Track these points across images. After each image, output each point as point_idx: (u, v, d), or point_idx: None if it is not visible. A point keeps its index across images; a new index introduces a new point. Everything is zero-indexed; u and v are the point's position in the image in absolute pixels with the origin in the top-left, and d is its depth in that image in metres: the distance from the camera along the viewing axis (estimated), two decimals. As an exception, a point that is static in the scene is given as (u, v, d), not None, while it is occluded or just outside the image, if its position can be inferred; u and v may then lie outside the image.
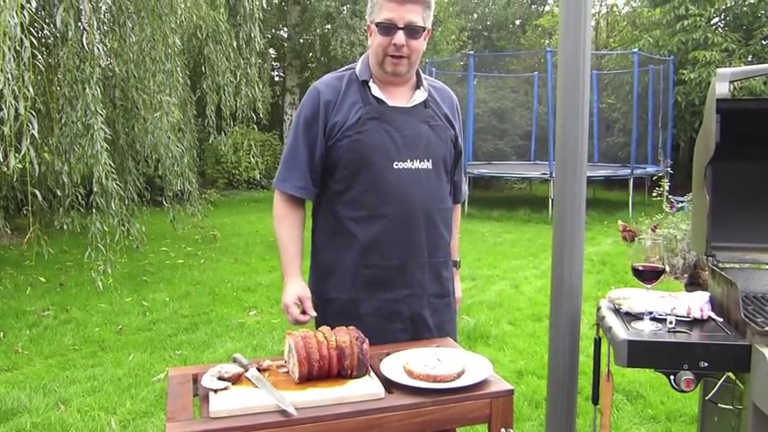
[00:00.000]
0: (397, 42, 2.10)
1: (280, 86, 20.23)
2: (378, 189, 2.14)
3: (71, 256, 8.12)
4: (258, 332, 5.49)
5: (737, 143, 2.20)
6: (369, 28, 2.19)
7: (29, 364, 4.73)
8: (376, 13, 2.13)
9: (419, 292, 2.23)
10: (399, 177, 2.15)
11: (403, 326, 2.21)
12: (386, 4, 2.09)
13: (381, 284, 2.18)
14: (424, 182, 2.20)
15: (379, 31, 2.12)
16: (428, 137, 2.22)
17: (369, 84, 2.20)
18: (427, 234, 2.21)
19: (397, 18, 2.08)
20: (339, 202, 2.20)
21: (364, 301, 2.17)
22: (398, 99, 2.22)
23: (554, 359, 2.18)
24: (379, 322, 2.17)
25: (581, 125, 2.12)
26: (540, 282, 7.18)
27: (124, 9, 7.67)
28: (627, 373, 4.27)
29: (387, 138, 2.15)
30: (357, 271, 2.18)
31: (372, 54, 2.19)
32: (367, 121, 2.14)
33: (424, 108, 2.25)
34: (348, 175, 2.16)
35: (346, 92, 2.19)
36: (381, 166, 2.14)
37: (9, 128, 5.21)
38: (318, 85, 2.24)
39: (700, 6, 14.97)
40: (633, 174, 13.19)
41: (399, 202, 2.15)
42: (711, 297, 2.13)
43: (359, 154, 2.14)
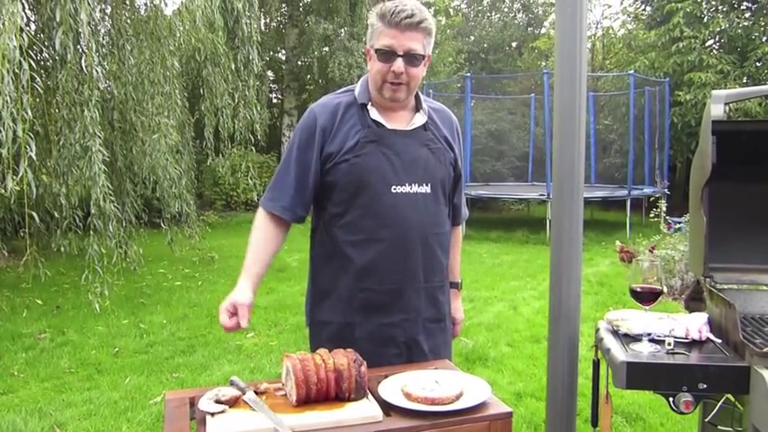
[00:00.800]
0: (396, 70, 2.09)
1: (278, 108, 20.32)
2: (375, 213, 2.13)
3: (68, 279, 8.10)
4: (256, 355, 5.47)
5: (734, 164, 2.21)
6: (368, 52, 2.17)
7: (25, 388, 4.70)
8: (376, 38, 2.11)
9: (414, 316, 2.21)
10: (397, 201, 2.13)
11: (398, 350, 2.18)
12: (386, 30, 2.07)
13: (377, 309, 2.16)
14: (422, 206, 2.18)
15: (378, 58, 2.10)
16: (427, 160, 2.20)
17: (367, 107, 2.18)
18: (424, 259, 2.19)
19: (397, 45, 2.07)
20: (336, 226, 2.18)
21: (359, 324, 2.15)
22: (397, 122, 2.21)
23: (553, 381, 2.18)
24: (374, 347, 2.13)
25: (578, 146, 2.13)
26: (539, 303, 7.16)
27: (123, 32, 7.74)
28: (626, 395, 4.25)
29: (385, 161, 2.13)
30: (353, 294, 2.15)
31: (371, 79, 2.18)
32: (365, 145, 2.13)
33: (424, 131, 2.23)
34: (346, 199, 2.15)
35: (344, 117, 2.18)
36: (379, 189, 2.12)
37: (7, 150, 5.22)
38: (316, 109, 2.22)
39: (694, 29, 15.10)
40: (630, 195, 13.22)
41: (396, 227, 2.13)
42: (710, 318, 2.13)
43: (357, 177, 2.12)
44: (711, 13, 15.90)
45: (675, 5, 15.32)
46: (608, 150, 17.69)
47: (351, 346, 1.89)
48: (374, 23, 2.12)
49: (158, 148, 7.85)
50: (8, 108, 5.21)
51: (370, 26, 2.14)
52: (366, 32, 2.20)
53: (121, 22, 7.92)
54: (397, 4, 2.07)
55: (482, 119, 18.67)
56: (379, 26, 2.10)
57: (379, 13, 2.09)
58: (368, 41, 2.17)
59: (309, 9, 18.04)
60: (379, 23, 2.09)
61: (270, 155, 17.71)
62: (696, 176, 2.30)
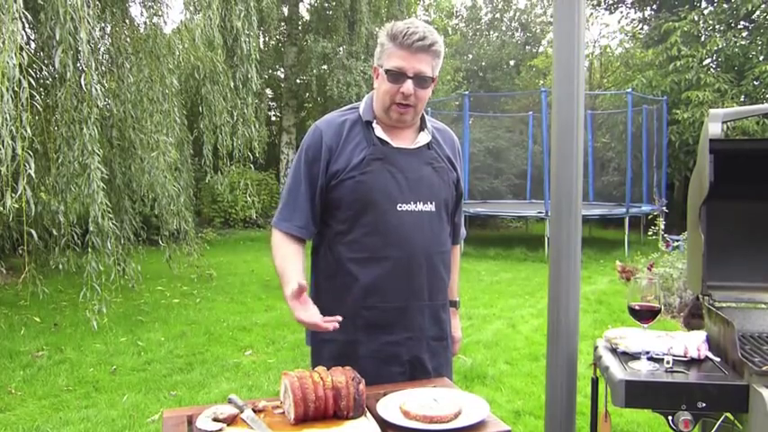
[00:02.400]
0: (405, 91, 2.09)
1: (276, 126, 20.37)
2: (380, 231, 2.12)
3: (66, 296, 8.08)
4: (254, 372, 5.44)
5: (731, 183, 2.22)
6: (376, 71, 2.17)
7: (22, 406, 4.68)
8: (385, 58, 2.11)
9: (419, 335, 2.20)
10: (402, 220, 2.13)
11: (401, 369, 2.17)
12: (396, 51, 2.07)
13: (381, 327, 2.15)
14: (427, 225, 2.18)
15: (388, 78, 2.10)
16: (431, 179, 2.20)
17: (372, 125, 2.18)
18: (428, 277, 2.19)
19: (407, 67, 2.07)
20: (341, 243, 2.18)
21: (363, 343, 2.14)
22: (402, 140, 2.21)
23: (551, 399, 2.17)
24: (378, 365, 2.13)
25: (576, 164, 2.14)
26: (537, 321, 7.15)
27: (122, 50, 7.78)
28: (625, 414, 4.24)
29: (390, 179, 2.13)
30: (357, 313, 2.14)
31: (378, 99, 2.17)
32: (371, 162, 2.12)
33: (428, 150, 2.23)
34: (351, 216, 2.14)
35: (348, 135, 2.17)
36: (385, 208, 2.12)
37: (6, 168, 5.23)
38: (321, 126, 2.22)
39: (692, 48, 15.19)
40: (628, 213, 13.24)
41: (402, 245, 2.12)
42: (708, 336, 2.13)
43: (362, 195, 2.11)
44: (709, 33, 16.00)
45: (673, 24, 15.43)
46: (606, 168, 17.74)
47: (354, 364, 1.90)
48: (384, 43, 2.11)
49: (157, 166, 7.86)
50: (7, 126, 5.22)
51: (380, 45, 2.14)
52: (374, 51, 2.20)
53: (121, 41, 7.96)
54: (408, 25, 2.07)
55: (480, 137, 18.73)
56: (389, 47, 2.09)
57: (391, 33, 2.09)
58: (376, 60, 2.17)
59: (308, 28, 18.14)
60: (389, 44, 2.09)
61: (268, 172, 17.74)
62: (694, 195, 2.31)
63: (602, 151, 17.80)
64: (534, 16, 28.12)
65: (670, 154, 15.11)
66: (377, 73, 2.17)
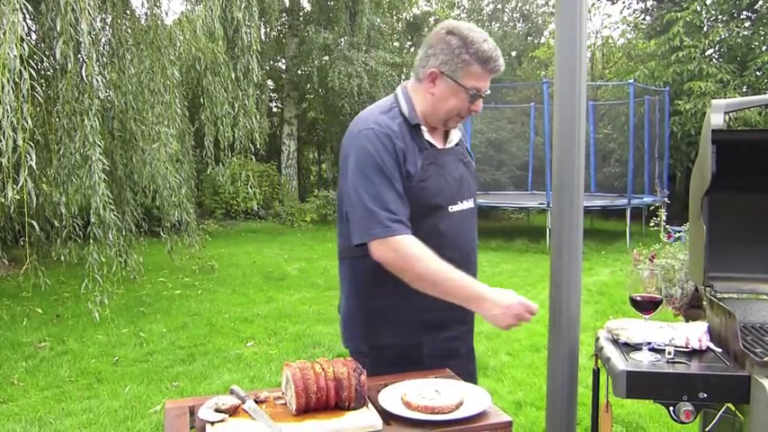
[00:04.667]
0: (475, 109, 2.09)
1: (278, 117, 20.37)
2: (439, 233, 2.10)
3: (68, 288, 8.09)
4: (255, 363, 5.46)
5: (733, 174, 2.21)
6: (436, 76, 2.07)
7: (24, 397, 4.69)
8: (463, 74, 2.05)
9: (470, 327, 2.26)
10: (455, 220, 2.14)
11: (459, 361, 2.19)
12: (483, 74, 2.06)
13: (441, 325, 2.15)
14: (471, 222, 2.22)
15: (468, 98, 2.07)
16: (467, 176, 2.22)
17: (421, 128, 2.13)
18: (473, 271, 2.20)
19: (483, 87, 2.08)
20: None
21: (425, 343, 2.13)
22: (439, 140, 2.19)
23: (552, 390, 2.17)
24: (440, 361, 2.13)
25: (578, 155, 2.13)
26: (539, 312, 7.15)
27: (123, 41, 7.76)
28: (626, 405, 4.25)
29: (443, 182, 2.12)
30: (415, 315, 2.12)
31: (440, 111, 2.11)
32: (428, 167, 2.10)
33: (457, 146, 2.24)
34: (412, 221, 2.07)
35: (405, 137, 2.10)
36: (442, 210, 2.12)
37: (7, 159, 5.23)
38: (384, 130, 2.06)
39: (694, 38, 15.13)
40: (630, 204, 13.23)
41: (456, 245, 2.12)
42: (710, 327, 2.13)
43: (425, 201, 2.08)
44: (711, 23, 15.94)
45: (675, 15, 15.36)
46: (608, 159, 17.71)
47: (418, 364, 1.98)
48: (468, 60, 2.04)
49: (158, 157, 7.86)
50: (8, 117, 5.22)
51: (456, 55, 2.04)
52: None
53: (122, 32, 7.94)
54: (491, 47, 2.06)
55: (482, 128, 18.71)
56: (476, 68, 2.05)
57: (480, 55, 2.04)
58: (440, 64, 2.06)
59: (309, 18, 18.11)
60: (477, 65, 2.05)
61: (270, 164, 17.74)
62: (696, 186, 2.31)
63: (604, 142, 17.77)
64: (536, 7, 28.03)
65: (672, 145, 15.08)
66: (434, 77, 2.08)
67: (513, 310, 1.98)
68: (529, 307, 2.01)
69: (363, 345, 2.20)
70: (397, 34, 20.23)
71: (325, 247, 12.57)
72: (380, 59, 16.82)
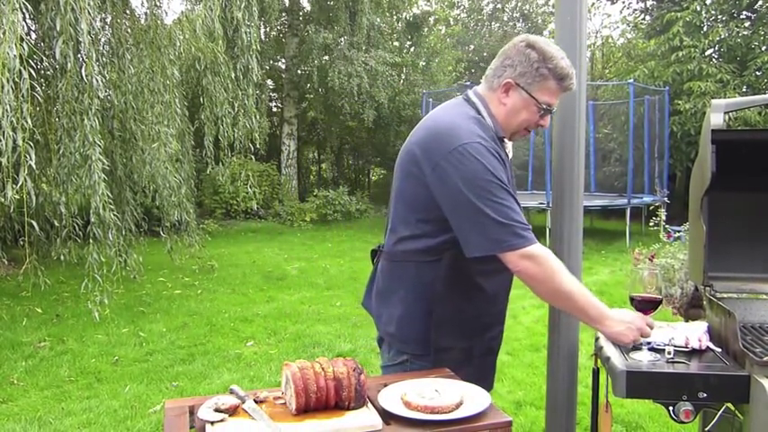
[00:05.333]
0: (543, 125, 2.11)
1: (277, 117, 20.36)
2: None
3: (68, 287, 8.09)
4: (255, 363, 5.46)
5: (733, 173, 2.22)
6: (510, 87, 2.10)
7: (24, 396, 4.69)
8: (538, 88, 2.08)
9: (504, 326, 2.31)
10: None
11: (494, 358, 2.27)
12: (557, 91, 2.09)
13: (488, 326, 2.21)
14: None
15: (538, 111, 2.10)
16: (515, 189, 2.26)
17: (504, 141, 2.18)
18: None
19: (555, 104, 2.10)
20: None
21: (476, 344, 2.18)
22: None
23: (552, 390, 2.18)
24: (484, 360, 2.22)
25: (578, 155, 2.14)
26: (539, 312, 7.16)
27: (123, 41, 7.76)
28: (626, 404, 4.25)
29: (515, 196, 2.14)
30: (475, 318, 2.16)
31: (512, 122, 2.13)
32: (511, 180, 2.14)
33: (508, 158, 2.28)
34: None
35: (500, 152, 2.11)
36: None
37: (7, 159, 5.23)
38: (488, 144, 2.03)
39: (694, 38, 15.13)
40: (630, 203, 13.23)
41: None
42: (709, 327, 2.13)
43: None
44: (711, 23, 15.93)
45: (675, 15, 15.36)
46: (608, 159, 17.70)
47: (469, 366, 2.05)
48: (545, 74, 2.06)
49: (158, 157, 7.86)
50: (8, 117, 5.21)
51: (535, 70, 2.06)
52: (518, 67, 2.06)
53: (122, 32, 7.93)
54: (569, 65, 2.07)
55: (482, 128, 18.67)
56: (552, 84, 2.07)
57: (558, 71, 2.06)
58: (518, 76, 2.08)
59: (309, 18, 18.11)
60: (553, 81, 2.07)
61: (269, 163, 17.75)
62: (696, 185, 2.31)
63: (604, 142, 17.75)
64: (536, 6, 28.05)
65: (672, 145, 15.07)
66: (507, 87, 2.10)
67: (636, 325, 1.98)
68: (648, 321, 2.01)
69: (425, 347, 2.17)
70: (397, 34, 20.21)
71: (324, 247, 12.57)
72: (380, 59, 16.81)
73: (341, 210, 16.78)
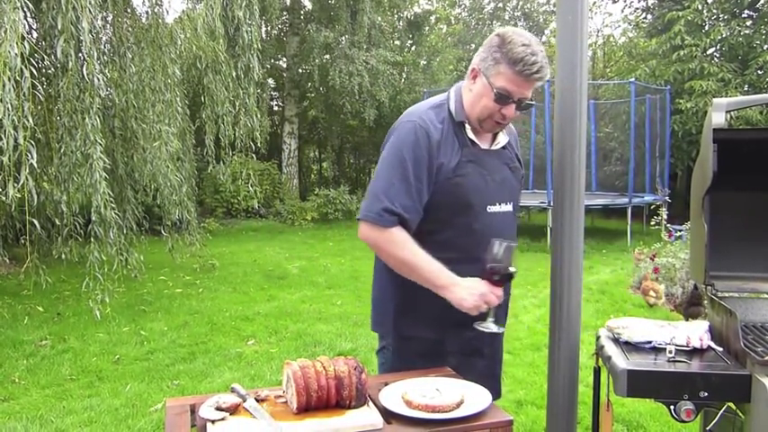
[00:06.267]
0: (507, 114, 2.08)
1: (278, 116, 20.36)
2: (473, 232, 2.12)
3: (69, 286, 8.10)
4: (256, 362, 5.46)
5: (735, 172, 2.21)
6: (474, 73, 2.12)
7: (25, 395, 4.70)
8: (494, 75, 2.05)
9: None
10: (492, 221, 2.15)
11: (483, 361, 2.23)
12: (511, 77, 2.02)
13: (467, 324, 2.12)
14: (509, 224, 2.23)
15: (494, 98, 2.06)
16: (510, 181, 2.24)
17: (465, 125, 2.16)
18: None
19: (516, 92, 2.05)
20: (431, 242, 2.11)
21: (450, 340, 2.14)
22: (485, 141, 2.21)
23: (553, 389, 2.17)
24: (464, 359, 2.17)
25: (578, 154, 2.13)
26: (539, 311, 7.15)
27: (124, 40, 7.76)
28: (627, 403, 4.24)
29: (482, 182, 2.14)
30: (444, 312, 2.10)
31: (475, 109, 2.12)
32: (465, 165, 2.11)
33: (504, 150, 2.25)
34: (444, 217, 2.12)
35: (447, 132, 2.13)
36: (478, 210, 2.13)
37: (8, 157, 5.23)
38: (422, 123, 2.12)
39: (695, 37, 15.11)
40: (631, 203, 13.22)
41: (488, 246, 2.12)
42: (711, 326, 2.12)
43: (458, 198, 2.10)
44: (712, 22, 15.92)
45: (676, 14, 15.34)
46: (609, 158, 17.69)
47: (442, 359, 2.03)
48: (499, 59, 2.04)
49: (159, 156, 7.87)
50: (9, 116, 5.22)
51: (491, 54, 2.06)
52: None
53: (123, 30, 7.94)
54: (529, 52, 2.00)
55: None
56: (505, 69, 2.03)
57: (511, 57, 2.01)
58: (480, 62, 2.10)
59: (310, 17, 18.10)
60: (506, 67, 2.03)
61: (270, 162, 17.75)
62: (697, 184, 2.31)
63: (605, 141, 17.74)
64: (537, 6, 28.02)
65: (673, 144, 15.06)
66: (475, 74, 2.12)
67: (479, 291, 2.01)
68: (496, 291, 2.03)
69: (390, 333, 2.25)
70: (398, 33, 20.20)
71: (325, 246, 12.57)
72: (381, 58, 16.81)
73: (342, 209, 16.78)
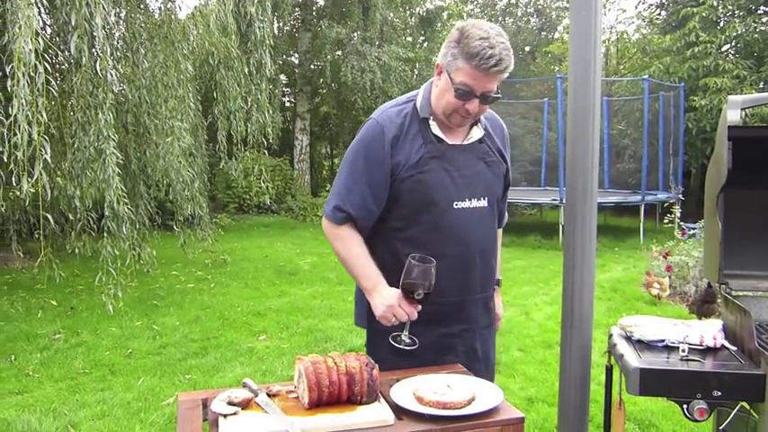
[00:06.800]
0: (470, 109, 2.05)
1: (290, 112, 20.36)
2: (439, 229, 2.11)
3: (82, 280, 8.15)
4: (267, 357, 5.47)
5: (750, 170, 2.19)
6: (439, 68, 2.09)
7: (39, 388, 4.73)
8: (455, 71, 2.02)
9: (473, 326, 2.24)
10: (460, 217, 2.13)
11: (457, 359, 2.19)
12: (470, 71, 1.98)
13: (438, 320, 2.14)
14: (481, 221, 2.20)
15: (455, 94, 2.02)
16: (485, 175, 2.20)
17: (429, 121, 2.14)
18: (481, 270, 2.21)
19: (477, 87, 2.01)
20: (398, 239, 2.15)
21: (421, 336, 2.10)
22: (456, 136, 2.18)
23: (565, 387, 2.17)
24: (435, 356, 2.15)
25: (591, 151, 2.12)
26: (551, 308, 7.14)
27: (137, 36, 7.78)
28: (639, 402, 4.23)
29: (447, 178, 2.12)
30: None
31: (440, 104, 2.10)
32: (429, 161, 2.10)
33: (480, 144, 2.22)
34: (408, 214, 2.13)
35: (408, 128, 2.13)
36: (443, 206, 2.11)
37: (22, 152, 5.26)
38: (380, 120, 2.15)
39: (710, 33, 15.01)
40: (644, 200, 13.15)
41: (459, 243, 2.12)
42: (724, 325, 2.11)
43: (421, 194, 2.10)
44: (727, 18, 15.80)
45: (691, 10, 15.25)
46: (622, 155, 17.60)
47: (411, 356, 2.01)
48: (456, 55, 2.00)
49: (171, 151, 7.89)
50: (23, 111, 5.25)
51: (450, 50, 2.02)
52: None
53: (136, 26, 7.96)
54: (486, 46, 1.95)
55: (495, 123, 18.57)
56: (462, 64, 1.99)
57: (467, 51, 1.97)
58: (441, 58, 2.07)
59: (322, 13, 18.09)
60: (463, 62, 1.99)
61: (282, 158, 17.77)
62: (712, 182, 2.29)
63: (618, 138, 17.65)
64: (550, 2, 27.89)
65: (687, 141, 14.97)
66: (439, 70, 2.08)
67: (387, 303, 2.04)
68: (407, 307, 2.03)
69: (367, 326, 2.28)
70: (410, 29, 20.17)
71: (337, 242, 12.56)
72: (393, 54, 16.77)
73: (353, 205, 16.74)
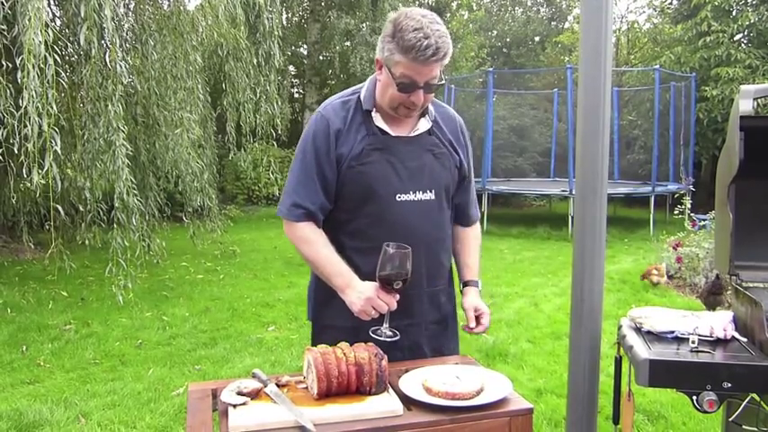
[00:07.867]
0: (415, 101, 2.03)
1: (299, 103, 20.37)
2: (382, 222, 2.11)
3: (92, 271, 8.19)
4: (277, 348, 5.49)
5: (762, 161, 2.18)
6: (379, 65, 2.07)
7: (50, 378, 4.76)
8: (394, 65, 1.99)
9: (418, 321, 2.21)
10: (403, 210, 2.12)
11: (401, 354, 2.15)
12: (409, 65, 1.95)
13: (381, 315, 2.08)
14: (427, 213, 2.17)
15: (397, 88, 2.00)
16: (432, 166, 2.18)
17: (372, 114, 2.13)
18: (427, 265, 2.18)
19: (418, 78, 1.99)
20: (343, 232, 2.16)
21: (364, 330, 2.06)
22: (402, 128, 2.16)
23: (574, 378, 2.16)
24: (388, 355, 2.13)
25: (601, 142, 2.11)
26: (560, 300, 7.13)
27: (146, 27, 7.79)
28: (648, 393, 4.22)
29: (390, 170, 2.11)
30: None
31: (385, 99, 2.09)
32: (371, 153, 2.10)
33: (428, 135, 2.20)
34: (352, 207, 2.13)
35: (352, 120, 2.13)
36: (385, 198, 2.10)
37: (33, 144, 5.29)
38: (325, 113, 2.16)
39: (722, 23, 14.89)
40: (654, 191, 13.10)
41: (403, 236, 2.06)
42: (735, 316, 2.10)
43: (362, 186, 2.09)
44: (740, 7, 15.66)
45: (703, -1, 15.13)
46: (632, 146, 17.52)
47: None
48: (392, 49, 1.98)
49: (181, 143, 7.91)
50: (34, 103, 5.27)
51: (386, 45, 2.00)
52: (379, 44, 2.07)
53: (145, 18, 7.97)
54: (420, 36, 1.91)
55: (504, 114, 18.57)
56: (399, 58, 1.96)
57: (401, 45, 1.94)
58: (379, 52, 2.05)
59: (331, 4, 18.05)
60: (399, 56, 1.96)
61: (291, 149, 17.72)
62: (723, 173, 2.27)
63: (629, 129, 17.57)
64: (560, -8, 27.75)
65: (698, 132, 14.88)
66: (379, 65, 2.07)
67: (365, 295, 2.00)
68: (386, 297, 1.99)
69: (312, 318, 2.31)
70: (420, 19, 20.08)
71: (346, 233, 12.58)
72: (402, 45, 16.72)
73: (362, 196, 16.78)
